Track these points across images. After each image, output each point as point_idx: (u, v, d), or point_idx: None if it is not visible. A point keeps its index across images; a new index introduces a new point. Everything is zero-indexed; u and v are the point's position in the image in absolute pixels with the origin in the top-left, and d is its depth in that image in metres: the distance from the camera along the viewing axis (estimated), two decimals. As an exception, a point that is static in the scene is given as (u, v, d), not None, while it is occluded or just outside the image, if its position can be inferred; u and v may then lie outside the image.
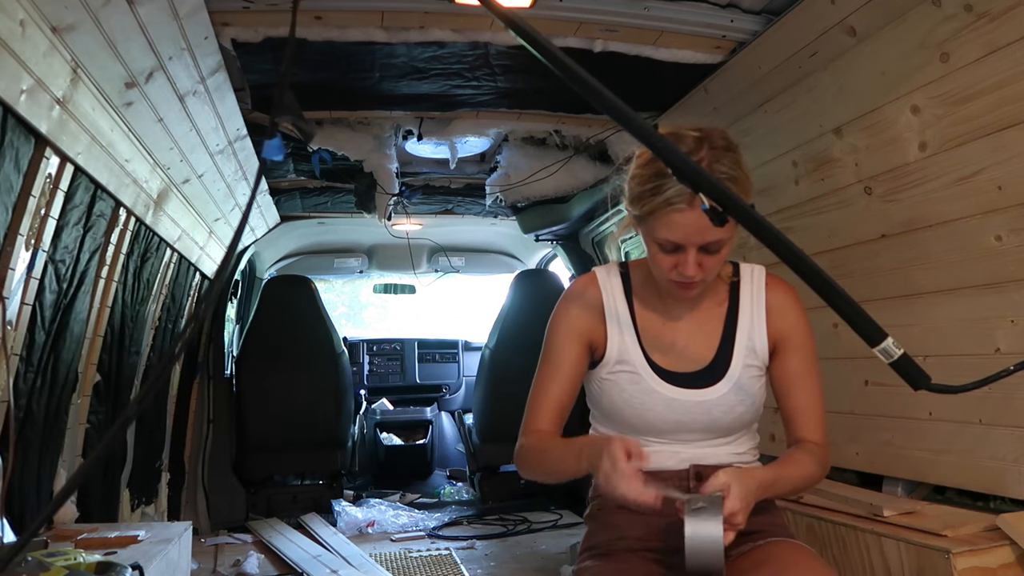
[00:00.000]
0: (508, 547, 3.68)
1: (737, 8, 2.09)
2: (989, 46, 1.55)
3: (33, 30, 1.45)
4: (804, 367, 1.39)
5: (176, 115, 2.18)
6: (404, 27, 2.17)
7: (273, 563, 3.36)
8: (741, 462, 1.39)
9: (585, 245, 4.48)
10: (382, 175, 3.38)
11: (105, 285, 2.34)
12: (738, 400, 1.35)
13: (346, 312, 9.90)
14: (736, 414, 1.36)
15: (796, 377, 1.38)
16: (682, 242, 1.24)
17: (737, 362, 1.37)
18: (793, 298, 1.41)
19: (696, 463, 1.36)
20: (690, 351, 1.38)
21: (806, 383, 1.39)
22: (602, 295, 1.41)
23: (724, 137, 1.27)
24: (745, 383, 1.36)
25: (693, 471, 1.35)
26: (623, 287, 1.42)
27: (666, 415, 1.35)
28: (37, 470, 2.05)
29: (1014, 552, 1.57)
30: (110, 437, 0.75)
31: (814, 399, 1.38)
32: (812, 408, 1.38)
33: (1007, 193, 1.62)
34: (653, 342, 1.38)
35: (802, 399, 1.38)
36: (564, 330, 1.41)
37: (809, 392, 1.38)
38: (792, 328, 1.39)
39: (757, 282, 1.41)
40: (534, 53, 0.89)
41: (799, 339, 1.39)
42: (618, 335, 1.39)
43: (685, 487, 1.34)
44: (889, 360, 1.07)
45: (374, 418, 5.25)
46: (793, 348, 1.39)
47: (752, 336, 1.38)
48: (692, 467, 1.36)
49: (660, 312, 1.40)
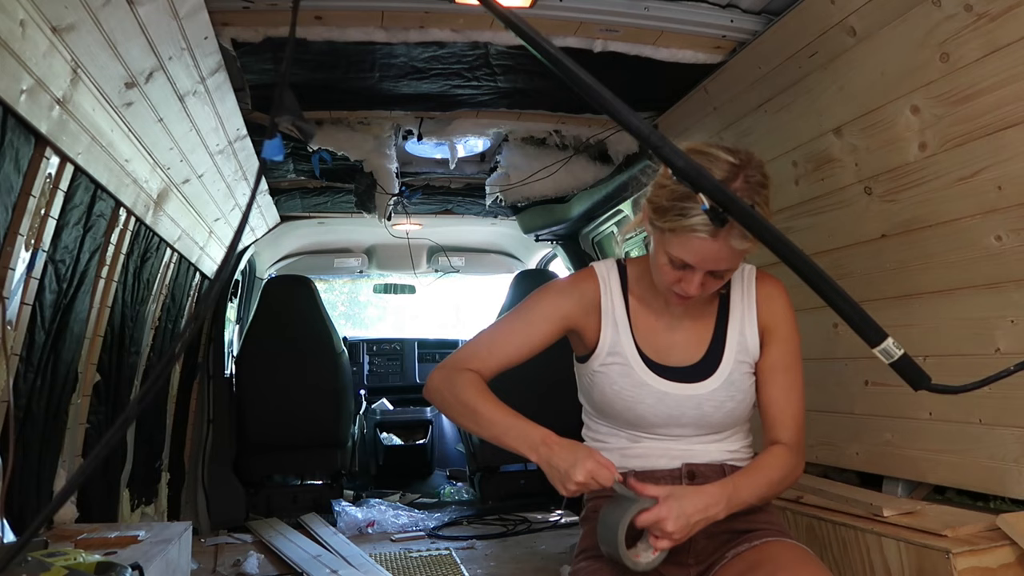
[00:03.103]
0: (508, 547, 3.68)
1: (737, 8, 2.09)
2: (989, 46, 1.55)
3: (33, 30, 1.45)
4: (784, 361, 1.38)
5: (176, 115, 2.18)
6: (404, 27, 2.17)
7: (273, 563, 3.36)
8: (734, 460, 1.39)
9: (585, 245, 4.48)
10: (382, 175, 3.38)
11: (105, 285, 2.34)
12: (728, 396, 1.36)
13: (346, 312, 9.90)
14: (727, 410, 1.36)
15: (774, 370, 1.38)
16: (695, 265, 1.25)
17: (728, 358, 1.37)
18: (780, 291, 1.41)
19: (688, 461, 1.36)
20: (682, 347, 1.39)
21: (784, 378, 1.38)
22: (600, 291, 1.42)
23: (761, 171, 1.24)
24: (736, 379, 1.37)
25: (685, 470, 1.36)
26: (620, 283, 1.43)
27: (656, 408, 1.35)
28: (37, 470, 2.05)
29: (1014, 552, 1.56)
30: (110, 437, 0.75)
31: (790, 394, 1.37)
32: (787, 404, 1.37)
33: (1007, 193, 1.62)
34: (646, 337, 1.39)
35: (777, 392, 1.37)
36: (551, 306, 1.41)
37: (786, 387, 1.38)
38: (777, 320, 1.39)
39: (748, 279, 1.42)
40: (534, 53, 0.89)
41: (783, 332, 1.39)
42: (612, 329, 1.39)
43: None
44: (889, 360, 1.07)
45: (374, 418, 5.25)
46: (775, 340, 1.39)
47: (744, 332, 1.39)
48: (684, 466, 1.36)
49: (654, 309, 1.41)
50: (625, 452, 1.40)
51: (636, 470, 1.37)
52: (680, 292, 1.30)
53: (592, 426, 1.46)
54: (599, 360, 1.39)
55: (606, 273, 1.44)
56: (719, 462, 1.38)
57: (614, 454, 1.39)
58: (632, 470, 1.37)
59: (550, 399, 4.35)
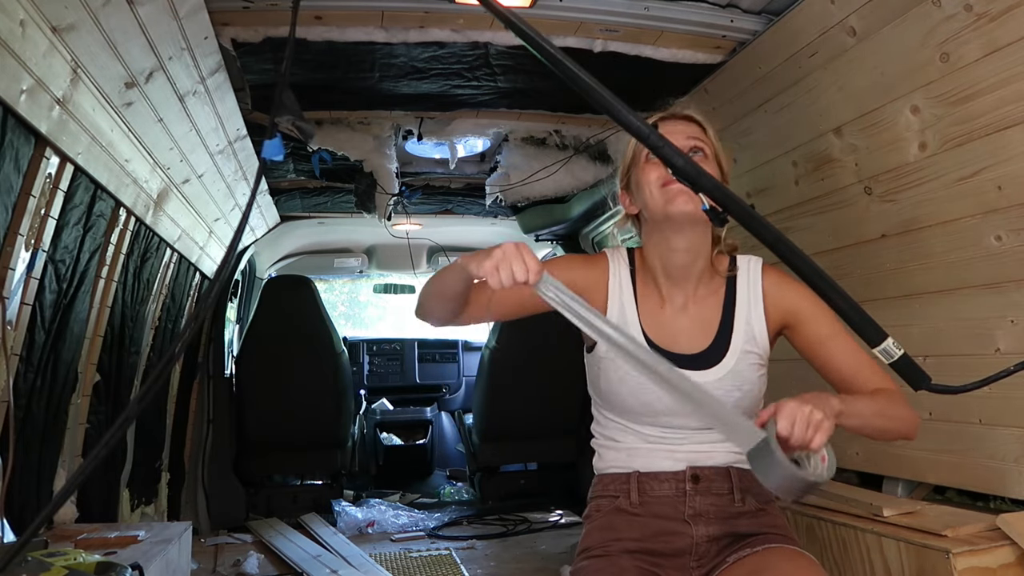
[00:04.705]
0: (508, 547, 3.68)
1: (737, 8, 2.09)
2: (989, 46, 1.55)
3: (33, 30, 1.45)
4: (829, 330, 1.33)
5: (176, 115, 2.18)
6: (404, 27, 2.17)
7: (273, 563, 3.36)
8: (741, 462, 1.38)
9: (585, 245, 4.48)
10: (382, 175, 3.38)
11: (105, 285, 2.34)
12: (735, 386, 1.34)
13: (346, 312, 9.90)
14: (733, 400, 1.33)
15: (824, 342, 1.34)
16: None
17: (735, 347, 1.36)
18: (789, 278, 1.37)
19: (693, 464, 1.35)
20: (688, 334, 1.38)
21: (839, 343, 1.32)
22: (609, 271, 1.42)
23: None
24: (743, 369, 1.35)
25: (689, 472, 1.35)
26: (629, 268, 1.43)
27: (662, 395, 1.30)
28: (37, 470, 2.05)
29: (1014, 552, 1.57)
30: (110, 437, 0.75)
31: (858, 355, 1.31)
32: (861, 363, 1.31)
33: (1007, 193, 1.62)
34: (652, 323, 1.39)
35: (845, 357, 1.32)
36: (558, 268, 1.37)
37: (848, 351, 1.32)
38: (797, 302, 1.37)
39: (754, 271, 1.41)
40: (534, 53, 0.89)
41: (809, 308, 1.35)
42: (619, 308, 1.39)
43: (681, 490, 1.34)
44: (889, 360, 1.07)
45: (374, 418, 5.25)
46: (807, 318, 1.36)
47: (751, 322, 1.38)
48: (688, 468, 1.35)
49: (659, 298, 1.41)
50: (632, 451, 1.39)
51: (640, 471, 1.37)
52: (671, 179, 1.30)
53: (601, 420, 1.45)
54: (604, 345, 1.33)
55: (616, 257, 1.45)
56: (725, 464, 1.36)
57: (620, 453, 1.39)
58: (636, 470, 1.37)
59: (554, 392, 4.38)
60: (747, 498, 1.35)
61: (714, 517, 1.34)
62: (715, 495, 1.34)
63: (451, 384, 5.79)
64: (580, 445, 4.36)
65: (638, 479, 1.36)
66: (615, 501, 1.38)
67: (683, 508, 1.34)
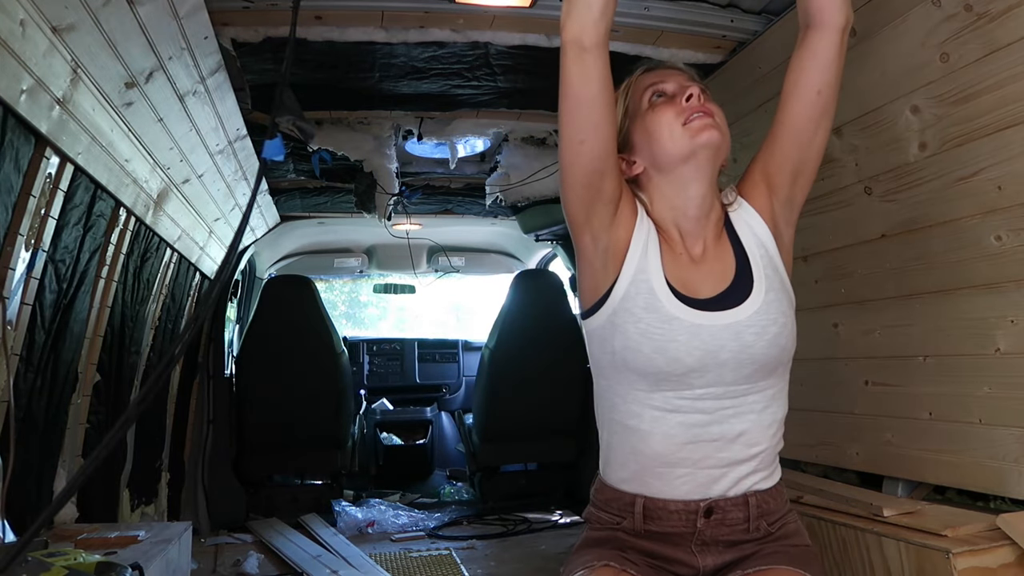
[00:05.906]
0: (508, 547, 3.68)
1: (737, 8, 2.09)
2: (989, 46, 1.55)
3: (33, 30, 1.45)
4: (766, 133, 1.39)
5: (176, 115, 2.18)
6: (404, 27, 2.17)
7: (273, 563, 3.36)
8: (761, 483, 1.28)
9: (585, 245, 4.47)
10: (382, 175, 3.38)
11: (105, 285, 2.34)
12: (770, 319, 1.24)
13: (346, 312, 9.91)
14: (770, 336, 1.23)
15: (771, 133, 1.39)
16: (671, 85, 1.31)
17: (759, 276, 1.28)
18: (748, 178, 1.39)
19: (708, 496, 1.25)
20: (709, 278, 1.28)
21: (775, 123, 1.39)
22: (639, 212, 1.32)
23: None
24: (772, 301, 1.27)
25: (704, 507, 1.25)
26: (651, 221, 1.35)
27: (691, 345, 1.21)
28: (37, 470, 2.05)
29: (1014, 552, 1.56)
30: (110, 437, 0.75)
31: None
32: None
33: (1007, 193, 1.62)
34: (673, 269, 1.29)
35: None
36: None
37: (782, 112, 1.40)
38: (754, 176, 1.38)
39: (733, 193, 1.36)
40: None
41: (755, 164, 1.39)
42: (641, 250, 1.28)
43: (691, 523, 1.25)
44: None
45: (374, 418, 5.25)
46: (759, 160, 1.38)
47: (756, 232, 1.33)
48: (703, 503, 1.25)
49: (677, 248, 1.31)
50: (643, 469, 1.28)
51: (647, 496, 1.27)
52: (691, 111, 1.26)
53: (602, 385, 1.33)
54: (622, 288, 1.26)
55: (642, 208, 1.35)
56: (743, 493, 1.26)
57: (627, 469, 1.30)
58: (643, 496, 1.27)
59: (554, 392, 4.38)
60: (761, 524, 1.27)
61: (724, 546, 1.27)
62: (728, 526, 1.26)
63: (451, 384, 5.79)
64: (580, 445, 4.37)
65: (644, 505, 1.27)
66: (616, 520, 1.31)
67: (691, 540, 1.27)
